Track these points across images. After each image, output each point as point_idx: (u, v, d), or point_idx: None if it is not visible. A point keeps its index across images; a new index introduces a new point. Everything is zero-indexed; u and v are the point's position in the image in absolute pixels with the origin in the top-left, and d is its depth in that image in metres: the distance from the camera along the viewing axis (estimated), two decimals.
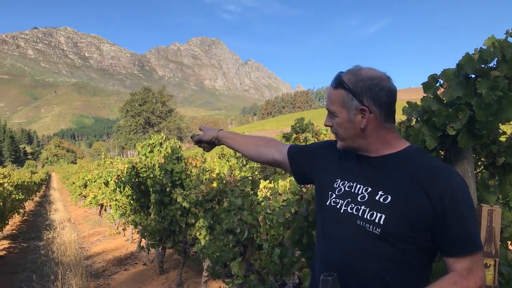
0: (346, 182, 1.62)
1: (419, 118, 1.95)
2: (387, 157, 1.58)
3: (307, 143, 3.45)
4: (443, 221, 1.42)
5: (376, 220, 1.46)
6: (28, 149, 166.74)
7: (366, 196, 1.53)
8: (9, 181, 14.85)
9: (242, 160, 7.91)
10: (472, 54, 1.77)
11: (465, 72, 1.76)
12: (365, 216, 1.49)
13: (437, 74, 1.85)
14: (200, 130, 2.31)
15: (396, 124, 2.11)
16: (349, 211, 1.55)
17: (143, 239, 8.07)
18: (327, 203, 1.63)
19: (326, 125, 1.67)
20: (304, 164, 1.89)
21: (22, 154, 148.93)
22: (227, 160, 9.55)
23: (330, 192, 1.64)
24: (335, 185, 1.65)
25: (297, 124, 3.60)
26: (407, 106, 2.02)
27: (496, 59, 1.74)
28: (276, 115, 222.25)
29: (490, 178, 2.05)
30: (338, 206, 1.59)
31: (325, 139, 3.36)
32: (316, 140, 3.24)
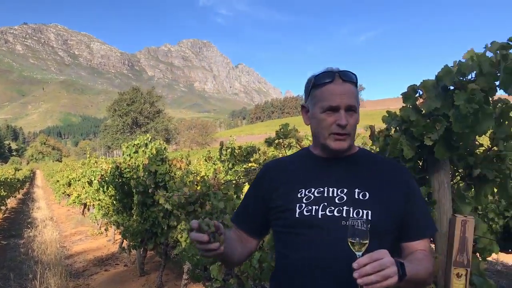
0: (313, 189, 1.55)
1: (397, 128, 1.98)
2: (351, 157, 1.63)
3: (291, 149, 3.47)
4: (411, 208, 1.56)
5: (364, 217, 1.47)
6: (13, 146, 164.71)
7: (344, 196, 1.51)
8: None
9: (229, 164, 7.91)
10: (451, 66, 1.80)
11: (444, 84, 1.78)
12: (350, 215, 1.47)
13: (416, 85, 1.88)
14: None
15: (375, 132, 2.14)
16: (329, 214, 1.49)
17: (124, 240, 8.01)
18: (297, 216, 1.52)
19: (343, 124, 1.50)
20: (258, 211, 1.72)
21: (6, 151, 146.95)
22: (214, 163, 9.53)
23: (297, 204, 1.53)
24: (299, 195, 1.55)
25: (282, 130, 3.61)
26: (387, 115, 2.04)
27: (474, 72, 1.77)
28: (265, 119, 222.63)
29: (467, 189, 2.07)
30: (313, 213, 1.50)
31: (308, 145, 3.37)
32: (298, 147, 3.25)
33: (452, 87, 1.79)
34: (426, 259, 1.50)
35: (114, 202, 7.80)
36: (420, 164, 2.01)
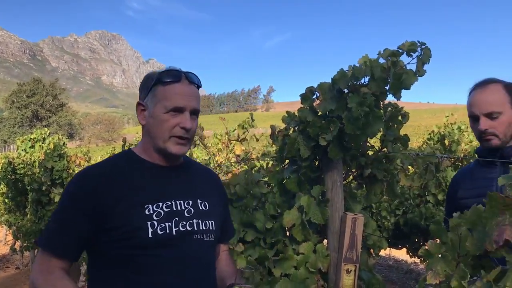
0: (161, 204, 1.41)
1: (296, 128, 2.02)
2: (183, 165, 1.59)
3: (195, 147, 3.42)
4: (226, 214, 1.72)
5: (210, 228, 1.50)
6: None
7: (192, 209, 1.48)
8: None
9: None
10: (347, 70, 1.88)
11: (339, 86, 1.85)
12: (200, 228, 1.47)
13: (314, 87, 1.93)
14: None
15: (275, 132, 2.17)
16: (182, 229, 1.41)
17: (17, 241, 7.46)
18: (150, 235, 1.35)
19: (188, 128, 1.44)
20: (83, 233, 1.38)
21: None
22: None
23: (148, 222, 1.36)
24: (147, 212, 1.38)
25: None
26: (286, 115, 2.08)
27: (367, 77, 1.86)
28: None
29: (358, 188, 2.18)
30: (168, 231, 1.38)
31: (212, 144, 3.37)
32: (201, 145, 3.22)
33: (346, 90, 1.86)
34: (232, 262, 1.76)
35: (6, 200, 7.27)
36: (316, 163, 2.07)
